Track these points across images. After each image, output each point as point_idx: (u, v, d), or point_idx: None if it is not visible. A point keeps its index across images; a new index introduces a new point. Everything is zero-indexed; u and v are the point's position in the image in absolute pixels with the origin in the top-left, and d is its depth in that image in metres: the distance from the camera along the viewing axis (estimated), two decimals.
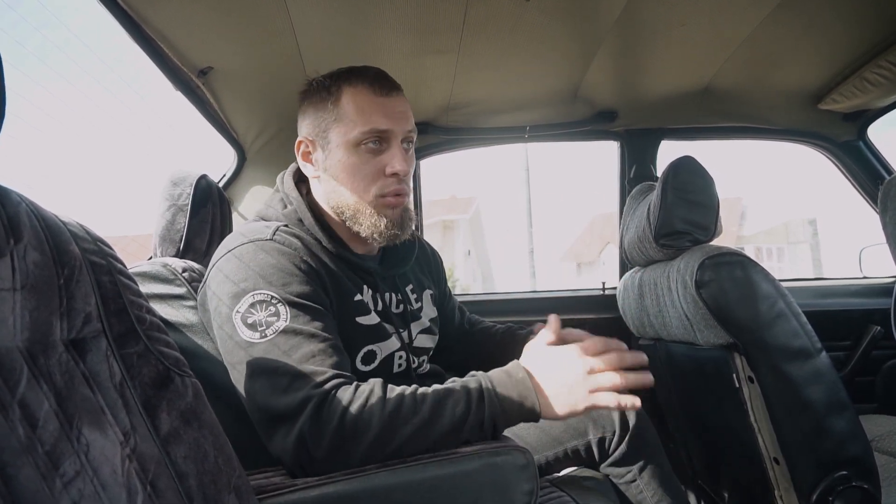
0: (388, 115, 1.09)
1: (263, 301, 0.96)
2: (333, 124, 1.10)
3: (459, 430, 0.90)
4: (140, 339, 0.66)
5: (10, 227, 0.57)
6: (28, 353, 0.55)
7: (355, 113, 1.08)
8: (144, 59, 1.35)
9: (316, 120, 1.13)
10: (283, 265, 1.00)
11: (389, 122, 1.08)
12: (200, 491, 0.65)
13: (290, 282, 0.99)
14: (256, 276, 0.98)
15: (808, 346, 1.15)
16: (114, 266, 0.67)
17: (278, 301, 0.96)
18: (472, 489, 0.83)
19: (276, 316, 0.95)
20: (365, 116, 1.08)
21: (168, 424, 0.65)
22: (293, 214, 1.12)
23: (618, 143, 2.15)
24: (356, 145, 1.09)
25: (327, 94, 1.11)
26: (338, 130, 1.10)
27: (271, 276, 0.99)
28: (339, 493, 0.82)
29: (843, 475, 1.15)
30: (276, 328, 0.94)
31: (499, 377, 0.96)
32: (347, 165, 1.10)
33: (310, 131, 1.14)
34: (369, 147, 1.09)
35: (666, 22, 1.45)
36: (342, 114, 1.09)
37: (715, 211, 1.35)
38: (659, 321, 1.46)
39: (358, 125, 1.08)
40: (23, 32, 1.13)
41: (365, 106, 1.09)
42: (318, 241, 1.10)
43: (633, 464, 1.17)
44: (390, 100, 1.10)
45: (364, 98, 1.09)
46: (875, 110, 1.96)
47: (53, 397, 0.55)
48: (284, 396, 0.90)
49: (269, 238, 1.04)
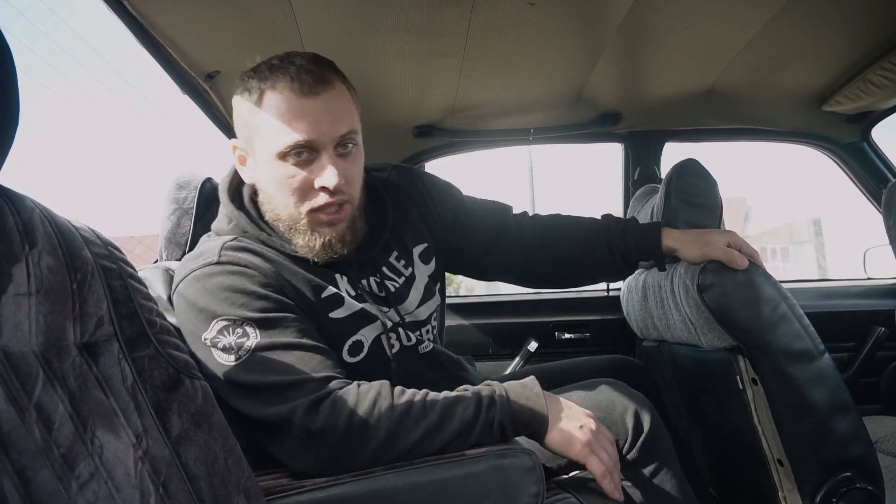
0: (314, 122, 0.97)
1: (228, 325, 0.94)
2: (256, 134, 1.01)
3: (468, 435, 0.91)
4: (151, 343, 0.67)
5: (24, 233, 0.58)
6: (43, 357, 0.56)
7: (276, 122, 0.97)
8: (152, 64, 1.36)
9: (242, 127, 1.04)
10: (237, 285, 0.97)
11: (315, 131, 0.97)
12: (211, 492, 0.66)
13: (247, 301, 0.96)
14: (215, 301, 0.95)
15: (810, 348, 1.15)
16: (125, 270, 0.68)
17: (242, 322, 0.94)
18: (478, 491, 0.84)
19: (246, 336, 0.93)
20: (286, 126, 0.96)
21: (179, 427, 0.66)
22: (237, 229, 1.07)
23: (621, 145, 2.15)
24: (281, 158, 0.99)
25: (249, 96, 1.00)
26: (261, 141, 1.00)
27: (229, 299, 0.95)
28: (346, 494, 0.83)
29: (847, 476, 1.15)
30: (248, 348, 0.93)
31: (513, 388, 0.97)
32: (275, 179, 1.01)
33: (239, 137, 1.06)
34: (296, 159, 0.98)
35: (670, 24, 1.46)
36: (264, 123, 0.99)
37: (718, 214, 1.36)
38: (662, 323, 1.46)
39: (280, 136, 0.97)
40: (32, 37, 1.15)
41: (286, 113, 0.97)
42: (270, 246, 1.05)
43: (645, 467, 1.14)
44: (316, 101, 0.97)
45: (285, 104, 0.97)
46: (879, 112, 1.96)
47: (68, 400, 0.56)
48: (272, 407, 0.90)
49: (216, 261, 0.99)
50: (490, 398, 0.94)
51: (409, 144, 2.08)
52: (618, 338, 2.05)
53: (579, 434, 0.95)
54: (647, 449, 1.14)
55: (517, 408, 0.94)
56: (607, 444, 0.98)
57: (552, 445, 0.96)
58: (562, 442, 0.95)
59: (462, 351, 2.03)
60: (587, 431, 0.96)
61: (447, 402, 0.93)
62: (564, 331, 2.08)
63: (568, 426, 0.95)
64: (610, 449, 0.98)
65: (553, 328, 2.08)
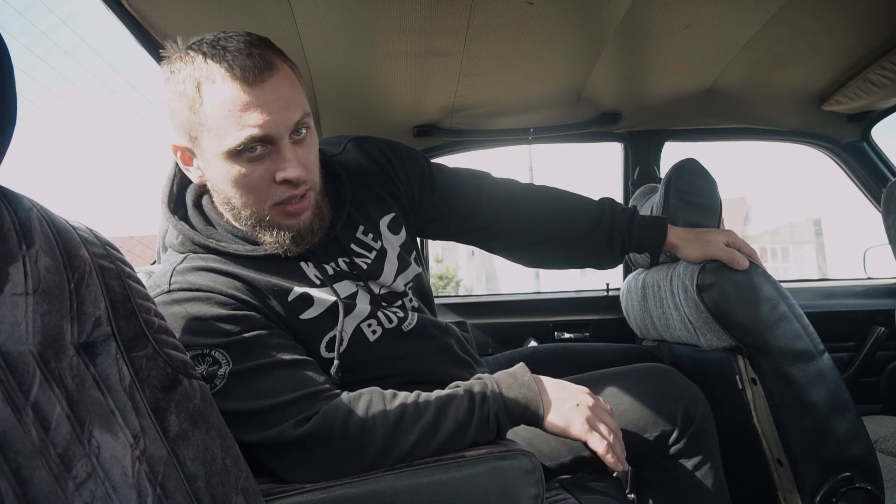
0: (265, 112, 0.87)
1: (197, 355, 0.88)
2: (202, 131, 0.90)
3: (465, 433, 0.91)
4: (148, 342, 0.67)
5: (22, 232, 0.58)
6: (40, 357, 0.56)
7: (223, 118, 0.87)
8: (152, 64, 1.36)
9: (180, 123, 0.92)
10: (194, 313, 0.90)
11: (268, 123, 0.87)
12: (209, 492, 0.66)
13: (208, 327, 0.89)
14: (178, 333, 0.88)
15: (810, 347, 1.15)
16: (122, 270, 0.68)
17: (210, 349, 0.89)
18: (477, 493, 0.84)
19: (217, 364, 0.88)
20: (235, 122, 0.87)
21: (176, 426, 0.66)
22: (186, 243, 0.99)
23: (621, 144, 2.15)
24: (234, 155, 0.89)
25: (183, 89, 0.89)
26: (209, 139, 0.90)
27: (189, 329, 0.89)
28: (345, 495, 0.83)
29: (847, 476, 1.15)
30: (222, 376, 0.88)
31: (504, 379, 0.97)
32: (230, 178, 0.92)
33: (180, 135, 0.94)
34: (251, 155, 0.89)
35: (670, 24, 1.45)
36: (209, 118, 0.88)
37: (717, 214, 1.36)
38: (662, 323, 1.46)
39: (230, 133, 0.87)
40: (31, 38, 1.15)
41: (232, 106, 0.86)
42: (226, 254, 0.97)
43: (690, 459, 1.12)
44: (264, 89, 0.87)
45: (230, 96, 0.86)
46: (879, 111, 1.96)
47: (65, 400, 0.56)
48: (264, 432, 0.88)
49: (167, 289, 0.92)
50: (482, 393, 0.93)
51: (409, 144, 2.07)
52: (617, 338, 2.05)
53: (576, 413, 0.95)
54: (695, 441, 1.11)
55: (511, 399, 0.94)
56: (606, 416, 0.97)
57: (551, 429, 0.96)
58: (560, 424, 0.95)
59: None
60: (584, 409, 0.95)
61: (440, 402, 0.92)
62: (564, 330, 2.08)
63: (564, 407, 0.95)
64: (609, 420, 0.97)
65: (553, 328, 2.08)
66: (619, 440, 0.97)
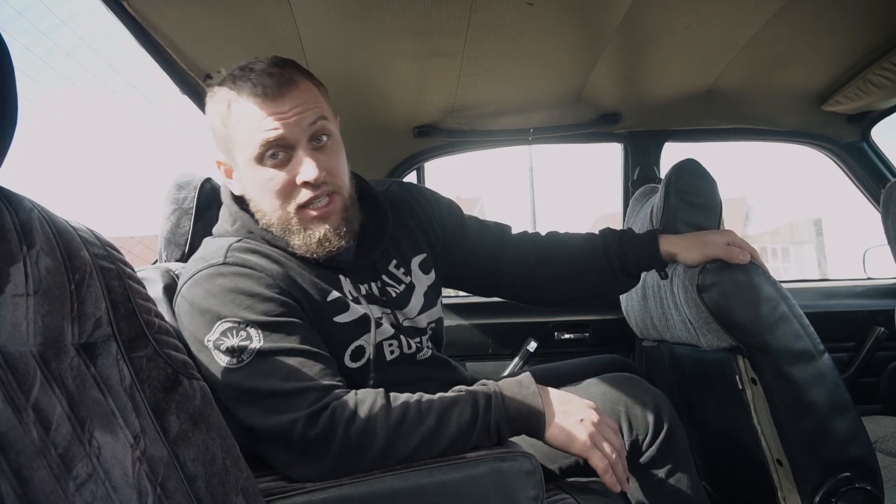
0: (282, 119, 0.98)
1: (232, 327, 0.93)
2: (233, 144, 1.03)
3: (467, 438, 0.91)
4: (149, 343, 0.67)
5: (23, 233, 0.58)
6: (41, 358, 0.56)
7: (247, 127, 0.99)
8: (152, 64, 1.36)
9: (219, 140, 1.06)
10: (243, 287, 0.96)
11: (284, 126, 0.98)
12: (209, 492, 0.66)
13: (252, 303, 0.95)
14: (219, 303, 0.95)
15: (810, 348, 1.15)
16: (123, 271, 0.68)
17: (246, 324, 0.93)
18: (477, 494, 0.84)
19: (249, 339, 0.93)
20: (255, 129, 0.98)
21: (177, 427, 0.66)
22: (242, 230, 1.07)
23: (621, 145, 2.15)
24: (259, 161, 1.00)
25: (219, 109, 1.03)
26: (238, 150, 1.02)
27: (233, 301, 0.95)
28: (345, 496, 0.83)
29: (846, 476, 1.15)
30: (251, 351, 0.92)
31: (508, 387, 0.97)
32: (258, 184, 1.02)
33: (220, 150, 1.08)
34: (273, 161, 0.99)
35: (670, 24, 1.46)
36: (236, 131, 1.01)
37: (717, 214, 1.36)
38: (662, 323, 1.46)
39: (252, 139, 0.99)
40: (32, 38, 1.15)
41: (253, 116, 0.98)
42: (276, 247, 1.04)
43: (662, 467, 1.13)
44: (282, 102, 0.98)
45: (252, 108, 0.98)
46: (879, 112, 1.96)
47: (66, 401, 0.56)
48: (272, 418, 0.90)
49: (222, 262, 0.99)
50: (486, 400, 0.94)
51: (409, 144, 2.08)
52: (617, 338, 2.05)
53: (580, 428, 0.94)
54: (667, 446, 1.13)
55: (514, 408, 0.94)
56: (611, 434, 0.97)
57: (552, 442, 0.95)
58: (562, 438, 0.95)
59: (462, 351, 2.04)
60: (588, 424, 0.95)
61: (443, 407, 0.93)
62: (564, 331, 2.08)
63: (567, 421, 0.95)
64: (614, 439, 0.97)
65: (553, 328, 2.08)
66: (621, 459, 0.96)
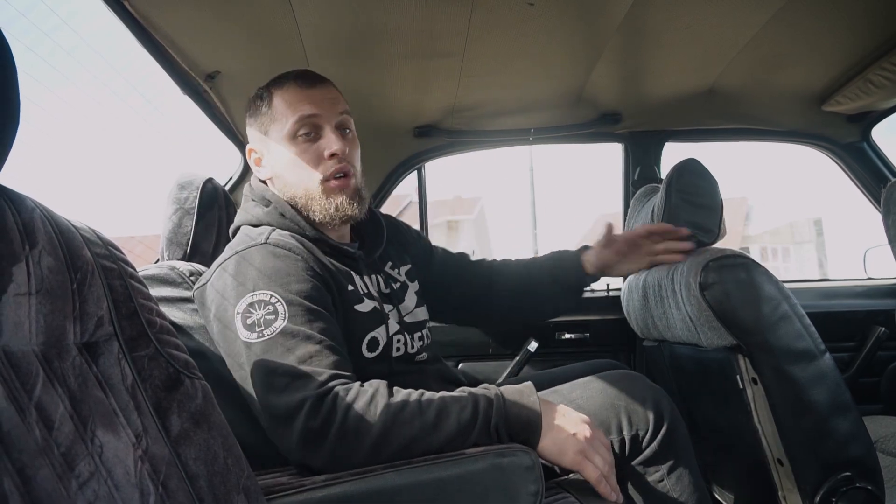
0: (315, 103, 1.16)
1: (262, 300, 0.99)
2: (270, 125, 1.18)
3: (466, 436, 0.92)
4: (151, 342, 0.68)
5: (25, 232, 0.58)
6: (43, 357, 0.56)
7: (285, 107, 1.17)
8: (153, 64, 1.36)
9: (257, 126, 1.21)
10: (282, 266, 1.04)
11: (317, 108, 1.16)
12: (211, 491, 0.66)
13: (289, 281, 1.02)
14: (257, 276, 1.02)
15: (811, 347, 1.16)
16: (125, 270, 0.68)
17: (277, 300, 0.99)
18: (477, 490, 0.84)
19: (275, 315, 0.98)
20: (294, 108, 1.16)
21: (178, 426, 0.66)
22: (275, 213, 1.17)
23: (622, 145, 2.15)
24: (293, 137, 1.16)
25: (261, 101, 1.20)
26: (275, 128, 1.18)
27: (272, 276, 1.02)
28: (346, 493, 0.83)
29: (847, 476, 1.15)
30: (274, 328, 0.97)
31: (510, 392, 0.98)
32: (289, 158, 1.17)
33: (255, 138, 1.23)
34: (305, 137, 1.16)
35: (670, 24, 1.46)
36: (275, 113, 1.18)
37: (718, 213, 1.36)
38: (663, 323, 1.46)
39: (289, 117, 1.16)
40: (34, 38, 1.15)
41: (292, 99, 1.17)
42: (306, 235, 1.15)
43: (663, 463, 1.13)
44: (316, 90, 1.18)
45: (291, 93, 1.17)
46: (879, 112, 1.96)
47: (68, 400, 0.57)
48: (282, 396, 0.92)
49: (265, 241, 1.08)
50: (487, 402, 0.95)
51: (409, 145, 2.08)
52: (618, 338, 2.05)
53: (572, 442, 0.96)
54: (668, 443, 1.13)
55: (514, 413, 0.95)
56: (602, 449, 0.99)
57: (543, 453, 0.96)
58: (553, 450, 0.96)
59: (462, 351, 2.04)
60: (580, 439, 0.96)
61: (443, 403, 0.94)
62: (565, 331, 2.08)
63: (560, 435, 0.96)
64: (605, 454, 0.99)
65: (553, 328, 2.08)
66: (612, 474, 0.98)
